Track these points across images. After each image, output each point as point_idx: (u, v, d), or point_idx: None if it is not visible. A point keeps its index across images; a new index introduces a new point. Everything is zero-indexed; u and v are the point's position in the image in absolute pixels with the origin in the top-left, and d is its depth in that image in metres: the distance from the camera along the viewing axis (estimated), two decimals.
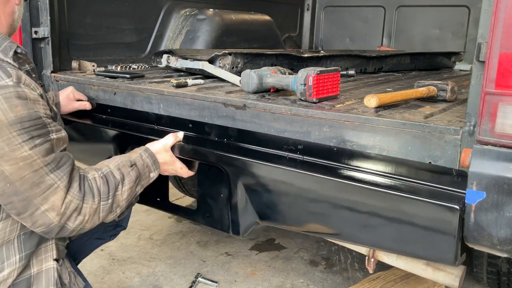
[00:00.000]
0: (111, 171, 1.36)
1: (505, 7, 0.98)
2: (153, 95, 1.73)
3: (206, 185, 1.66)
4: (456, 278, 1.32)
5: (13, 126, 1.13)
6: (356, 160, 1.29)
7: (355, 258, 2.79)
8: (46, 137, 1.19)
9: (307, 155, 1.38)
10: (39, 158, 1.17)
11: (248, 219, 1.55)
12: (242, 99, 1.51)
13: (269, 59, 2.09)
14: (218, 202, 1.62)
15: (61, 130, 1.27)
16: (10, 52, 1.25)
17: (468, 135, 1.11)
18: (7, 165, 1.14)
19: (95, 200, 1.29)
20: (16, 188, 1.16)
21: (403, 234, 1.23)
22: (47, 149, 1.19)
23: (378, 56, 2.59)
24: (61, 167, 1.22)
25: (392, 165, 1.24)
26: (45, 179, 1.18)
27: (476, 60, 1.06)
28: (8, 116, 1.12)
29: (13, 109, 1.12)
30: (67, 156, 1.26)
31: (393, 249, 1.32)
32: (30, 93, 1.17)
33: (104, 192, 1.32)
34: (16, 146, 1.13)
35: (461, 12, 3.33)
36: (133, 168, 1.41)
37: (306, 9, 4.03)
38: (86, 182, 1.29)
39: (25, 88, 1.16)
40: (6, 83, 1.13)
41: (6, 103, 1.12)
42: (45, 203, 1.19)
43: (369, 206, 1.27)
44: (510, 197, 1.03)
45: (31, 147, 1.15)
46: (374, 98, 1.33)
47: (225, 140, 1.56)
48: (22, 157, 1.14)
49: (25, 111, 1.15)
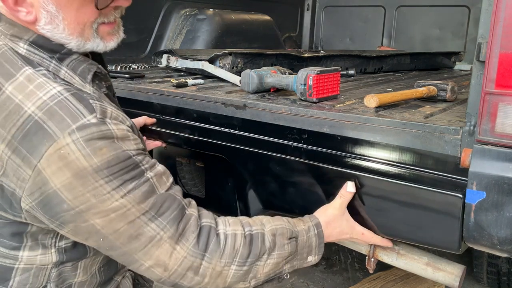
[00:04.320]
0: (263, 233, 1.12)
1: (505, 7, 0.98)
2: (153, 95, 1.73)
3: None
4: (456, 278, 1.32)
5: (99, 173, 0.93)
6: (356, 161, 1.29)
7: (355, 258, 2.79)
8: (140, 179, 0.98)
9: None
10: (133, 207, 0.96)
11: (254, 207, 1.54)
12: (242, 99, 1.51)
13: (269, 59, 2.09)
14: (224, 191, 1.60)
15: (155, 165, 1.05)
16: (88, 75, 1.06)
17: (468, 135, 1.11)
18: (97, 218, 0.95)
19: (221, 260, 1.04)
20: (111, 243, 0.98)
21: (409, 221, 1.24)
22: (143, 193, 0.98)
23: (378, 56, 2.59)
24: (163, 214, 1.00)
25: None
26: (144, 230, 0.98)
27: (476, 60, 1.06)
28: (92, 162, 0.92)
29: (97, 153, 0.92)
30: (171, 198, 1.03)
31: (398, 236, 1.32)
32: (117, 130, 0.96)
33: (242, 255, 1.07)
34: (105, 196, 0.93)
35: (461, 12, 3.33)
36: (291, 241, 1.15)
37: (306, 9, 4.03)
38: (212, 236, 1.05)
39: (111, 124, 0.96)
40: (88, 121, 0.93)
41: (89, 147, 0.91)
42: (148, 259, 1.00)
43: (376, 194, 1.27)
44: (510, 197, 1.03)
45: (122, 194, 0.95)
46: (374, 98, 1.33)
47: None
48: (113, 208, 0.95)
49: (112, 152, 0.94)
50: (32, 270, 1.08)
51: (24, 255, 1.06)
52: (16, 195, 0.96)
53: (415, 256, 1.38)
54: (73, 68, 1.05)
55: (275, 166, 1.43)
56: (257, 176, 1.51)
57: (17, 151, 0.93)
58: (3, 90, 0.97)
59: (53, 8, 0.99)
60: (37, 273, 1.08)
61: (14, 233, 1.04)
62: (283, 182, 1.45)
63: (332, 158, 1.32)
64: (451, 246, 1.18)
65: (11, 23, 1.03)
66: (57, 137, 0.91)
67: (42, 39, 1.03)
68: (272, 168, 1.43)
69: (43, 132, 0.92)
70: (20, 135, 0.93)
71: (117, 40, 1.12)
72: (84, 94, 0.98)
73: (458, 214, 1.11)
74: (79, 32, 1.04)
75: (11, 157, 0.94)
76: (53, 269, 1.10)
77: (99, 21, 1.06)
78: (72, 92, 0.96)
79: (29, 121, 0.93)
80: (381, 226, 1.31)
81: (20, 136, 0.93)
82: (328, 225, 1.25)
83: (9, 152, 0.94)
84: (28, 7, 1.00)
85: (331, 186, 1.35)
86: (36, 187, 0.93)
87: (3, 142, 0.94)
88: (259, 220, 1.17)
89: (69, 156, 0.91)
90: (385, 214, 1.29)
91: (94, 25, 1.05)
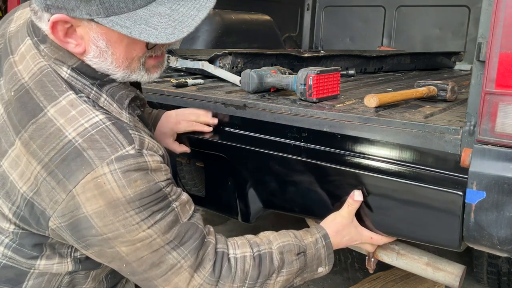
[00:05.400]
0: (270, 252, 1.13)
1: (505, 7, 0.98)
2: (153, 95, 1.73)
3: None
4: (456, 278, 1.32)
5: (131, 204, 0.95)
6: (356, 160, 1.29)
7: (355, 258, 2.79)
8: (167, 210, 1.00)
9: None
10: (159, 237, 0.99)
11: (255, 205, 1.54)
12: (242, 99, 1.51)
13: (269, 59, 2.09)
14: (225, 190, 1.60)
15: (181, 194, 1.07)
16: (126, 101, 1.07)
17: (468, 135, 1.11)
18: (123, 246, 0.98)
19: (233, 285, 1.07)
20: (133, 269, 1.01)
21: (410, 219, 1.24)
22: (168, 224, 1.00)
23: (378, 56, 2.59)
24: (185, 243, 1.02)
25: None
26: (166, 258, 1.01)
27: (476, 60, 1.06)
28: (126, 193, 0.94)
29: (131, 185, 0.94)
30: (194, 227, 1.05)
31: (400, 234, 1.32)
32: (152, 162, 0.98)
33: (252, 277, 1.09)
34: (133, 227, 0.96)
35: (461, 12, 3.33)
36: (299, 257, 1.17)
37: (306, 9, 4.03)
38: (225, 262, 1.08)
39: (147, 155, 0.98)
40: (127, 152, 0.95)
41: (125, 178, 0.94)
42: (166, 285, 1.03)
43: (377, 192, 1.27)
44: (510, 197, 1.03)
45: (150, 225, 0.97)
46: (374, 98, 1.33)
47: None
48: (140, 238, 0.97)
49: (145, 184, 0.96)
50: (46, 276, 1.09)
51: (41, 263, 1.08)
52: (46, 214, 0.98)
53: (415, 256, 1.38)
54: (112, 94, 1.06)
55: (275, 165, 1.43)
56: (257, 175, 1.51)
57: (53, 174, 0.95)
58: (45, 111, 0.98)
59: (104, 43, 0.99)
60: (51, 278, 1.10)
61: (36, 244, 1.06)
62: (283, 181, 1.45)
63: (332, 157, 1.32)
64: (452, 244, 1.18)
65: (56, 47, 1.02)
66: (95, 166, 0.93)
67: (86, 67, 1.03)
68: (273, 167, 1.43)
69: (81, 159, 0.94)
70: (58, 159, 0.95)
71: (160, 71, 1.13)
72: (124, 124, 1.00)
73: (458, 212, 1.11)
74: (126, 66, 1.04)
75: (47, 178, 0.95)
76: (66, 276, 1.12)
77: (146, 55, 1.06)
78: (113, 121, 0.98)
79: (68, 147, 0.95)
80: (382, 224, 1.31)
81: (58, 160, 0.95)
82: (337, 234, 1.27)
83: (45, 173, 0.95)
84: (78, 39, 0.99)
85: (332, 185, 1.35)
86: (68, 210, 0.95)
87: (39, 163, 0.96)
88: (266, 238, 1.18)
89: (105, 185, 0.93)
90: (386, 213, 1.30)
91: (141, 59, 1.06)
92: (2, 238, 1.07)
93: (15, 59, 1.06)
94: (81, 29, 0.97)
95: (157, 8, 0.95)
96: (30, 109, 0.99)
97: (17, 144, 0.98)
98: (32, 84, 1.01)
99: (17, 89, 1.02)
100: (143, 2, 0.94)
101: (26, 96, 1.00)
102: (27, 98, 1.00)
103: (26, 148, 0.97)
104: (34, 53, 1.03)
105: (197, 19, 0.96)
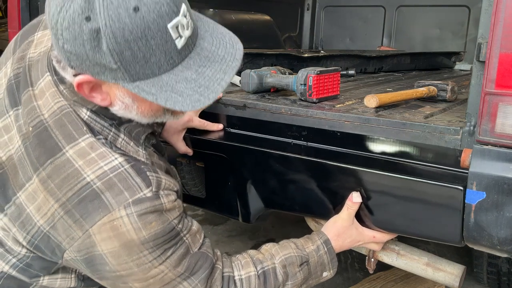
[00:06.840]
0: (274, 268, 1.16)
1: (505, 7, 0.98)
2: None
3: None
4: (456, 278, 1.32)
5: (145, 245, 0.97)
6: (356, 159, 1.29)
7: (355, 258, 2.79)
8: (178, 243, 1.02)
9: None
10: (170, 271, 1.01)
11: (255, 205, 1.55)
12: (242, 99, 1.51)
13: (269, 59, 2.09)
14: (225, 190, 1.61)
15: (192, 225, 1.09)
16: (142, 136, 1.08)
17: (468, 135, 1.11)
18: (136, 283, 1.01)
19: None
20: None
21: (411, 215, 1.24)
22: (179, 257, 1.02)
23: (378, 56, 2.59)
24: (195, 273, 1.05)
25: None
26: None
27: (476, 60, 1.06)
28: (141, 235, 0.96)
29: (147, 227, 0.96)
30: (204, 257, 1.08)
31: (401, 231, 1.32)
32: (167, 202, 1.00)
33: None
34: (146, 265, 0.98)
35: (461, 12, 3.33)
36: (302, 267, 1.19)
37: (306, 9, 4.03)
38: (231, 284, 1.11)
39: (163, 196, 1.00)
40: (144, 195, 0.96)
41: (141, 221, 0.95)
42: None
43: (378, 190, 1.27)
44: (510, 197, 1.03)
45: (161, 261, 1.00)
46: (374, 98, 1.33)
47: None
48: (152, 275, 1.00)
49: (160, 225, 0.98)
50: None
51: (45, 278, 1.09)
52: (61, 247, 1.00)
53: (415, 256, 1.38)
54: (129, 131, 1.06)
55: (276, 164, 1.43)
56: (258, 174, 1.51)
57: (70, 214, 0.96)
58: (63, 151, 0.99)
59: (130, 100, 0.98)
60: None
61: (45, 267, 1.07)
62: (284, 180, 1.45)
63: (332, 154, 1.32)
64: (453, 239, 1.18)
65: (75, 90, 0.99)
66: (112, 209, 0.95)
67: (105, 110, 1.02)
68: (273, 166, 1.43)
69: (99, 201, 0.95)
70: (75, 199, 0.96)
71: (185, 112, 1.13)
72: (142, 166, 1.00)
73: (459, 207, 1.11)
74: (152, 115, 1.04)
75: (64, 217, 0.97)
76: None
77: None
78: (131, 164, 0.99)
79: (86, 188, 0.96)
80: (384, 222, 1.32)
81: (75, 201, 0.96)
82: (339, 237, 1.29)
83: (62, 212, 0.97)
84: (104, 94, 0.98)
85: (332, 182, 1.35)
86: (84, 246, 0.98)
87: (57, 202, 0.97)
88: (268, 253, 1.20)
89: (121, 228, 0.95)
90: (388, 210, 1.30)
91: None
92: (10, 257, 1.07)
93: (34, 93, 1.05)
94: (106, 86, 0.96)
95: (183, 73, 0.92)
96: (48, 148, 0.99)
97: (35, 180, 0.99)
98: (52, 122, 1.01)
99: (36, 125, 1.01)
100: (169, 67, 0.91)
101: (44, 134, 1.00)
102: (46, 136, 1.00)
103: (44, 186, 0.98)
104: (54, 91, 1.02)
105: (223, 83, 0.93)
